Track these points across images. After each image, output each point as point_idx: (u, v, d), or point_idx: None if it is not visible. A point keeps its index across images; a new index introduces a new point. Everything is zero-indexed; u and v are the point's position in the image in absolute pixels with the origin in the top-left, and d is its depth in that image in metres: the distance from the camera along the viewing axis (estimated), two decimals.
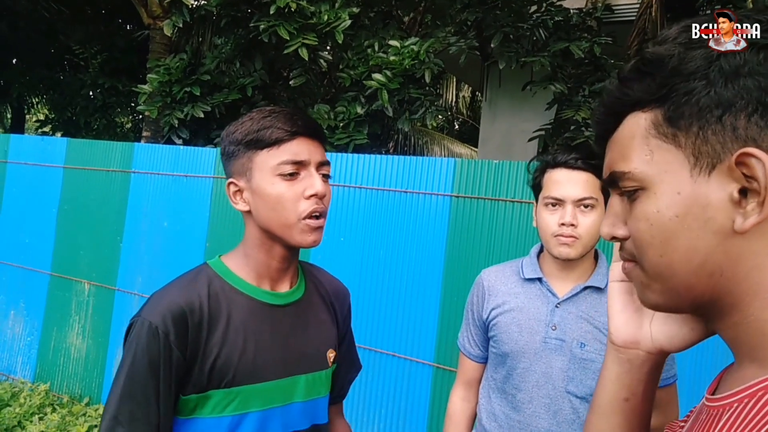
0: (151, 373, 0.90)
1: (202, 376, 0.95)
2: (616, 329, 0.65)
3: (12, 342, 4.46)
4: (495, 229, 2.77)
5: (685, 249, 0.49)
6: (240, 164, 1.02)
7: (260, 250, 1.05)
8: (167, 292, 0.98)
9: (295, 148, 0.99)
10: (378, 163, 3.13)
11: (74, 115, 9.41)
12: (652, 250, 0.52)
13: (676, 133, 0.50)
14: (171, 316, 0.93)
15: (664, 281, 0.52)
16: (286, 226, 0.99)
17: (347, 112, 4.03)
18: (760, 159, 0.45)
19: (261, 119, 1.00)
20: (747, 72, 0.47)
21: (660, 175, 0.51)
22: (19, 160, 4.56)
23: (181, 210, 3.75)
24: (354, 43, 4.28)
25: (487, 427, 1.48)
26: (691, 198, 0.49)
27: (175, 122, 4.49)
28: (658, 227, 0.51)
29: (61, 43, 9.54)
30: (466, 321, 1.59)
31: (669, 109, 0.50)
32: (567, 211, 1.34)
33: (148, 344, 0.91)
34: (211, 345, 0.96)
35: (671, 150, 0.50)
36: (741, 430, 0.45)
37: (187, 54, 4.75)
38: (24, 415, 3.73)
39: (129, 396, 0.90)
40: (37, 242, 4.37)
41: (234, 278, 1.04)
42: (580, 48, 3.59)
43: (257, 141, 0.99)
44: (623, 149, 0.54)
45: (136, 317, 0.95)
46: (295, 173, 0.99)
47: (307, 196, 0.99)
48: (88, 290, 4.10)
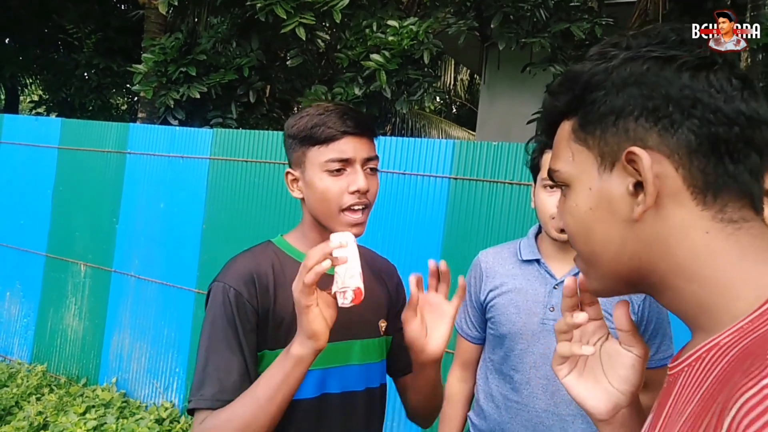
0: (231, 327, 1.02)
1: (273, 334, 1.06)
2: (595, 408, 0.68)
3: (8, 323, 4.46)
4: (493, 211, 2.76)
5: (601, 238, 0.57)
6: (296, 157, 1.12)
7: (314, 231, 1.15)
8: (237, 260, 1.12)
9: (342, 147, 1.07)
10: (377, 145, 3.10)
11: (69, 96, 9.30)
12: (577, 239, 0.60)
13: (587, 137, 0.58)
14: (242, 279, 1.05)
15: (594, 268, 0.60)
16: (330, 217, 1.09)
17: (345, 93, 3.99)
18: (640, 156, 0.53)
19: (316, 116, 1.09)
20: (632, 82, 0.54)
21: (578, 174, 0.59)
22: (13, 140, 4.52)
23: (177, 191, 3.73)
24: (352, 22, 4.22)
25: (485, 408, 1.48)
26: (600, 193, 0.57)
27: (171, 103, 4.44)
28: (578, 219, 0.59)
29: (54, 22, 9.41)
30: (464, 303, 1.58)
31: (581, 117, 0.58)
32: None
33: (224, 303, 1.03)
34: (278, 307, 1.07)
35: (584, 152, 0.58)
36: (689, 389, 0.52)
37: (183, 33, 4.68)
38: (21, 396, 3.75)
39: (214, 350, 1.01)
40: (33, 223, 4.35)
41: (294, 251, 1.15)
42: (581, 29, 3.54)
43: (310, 138, 1.08)
44: (556, 151, 0.63)
45: (212, 283, 1.08)
46: (341, 169, 1.07)
47: (351, 192, 1.07)
48: (84, 272, 4.09)
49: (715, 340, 0.51)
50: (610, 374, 0.68)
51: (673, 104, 0.53)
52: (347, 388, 1.14)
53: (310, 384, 1.08)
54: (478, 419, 1.51)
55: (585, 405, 0.69)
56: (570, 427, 1.37)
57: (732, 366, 0.47)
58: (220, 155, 3.59)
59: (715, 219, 0.53)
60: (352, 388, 1.15)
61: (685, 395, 0.52)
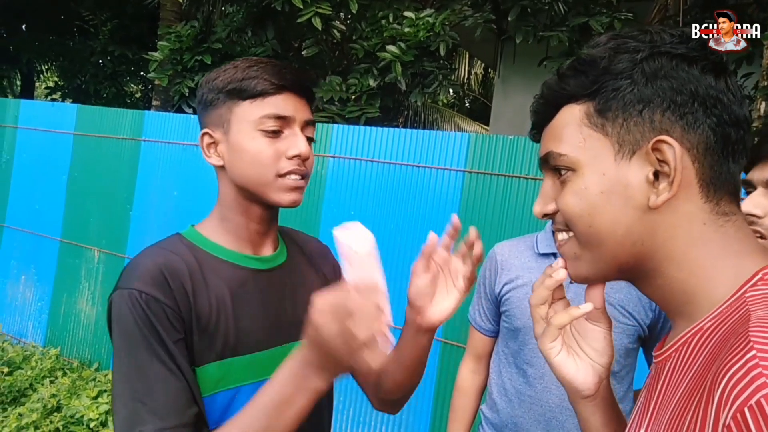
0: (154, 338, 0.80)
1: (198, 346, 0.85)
2: (584, 383, 0.70)
3: (23, 306, 4.52)
4: (508, 205, 2.75)
5: (610, 221, 0.58)
6: (217, 114, 0.93)
7: (237, 212, 0.95)
8: (140, 259, 0.87)
9: (280, 103, 0.91)
10: (391, 137, 3.10)
11: (84, 83, 9.37)
12: (581, 221, 0.60)
13: (605, 123, 0.58)
14: (150, 278, 0.82)
15: (593, 249, 0.60)
16: (263, 184, 0.91)
17: (359, 84, 3.98)
18: (672, 145, 0.55)
19: (246, 68, 0.91)
20: (663, 75, 0.56)
21: (589, 159, 0.59)
22: (29, 125, 4.56)
23: (191, 179, 3.75)
24: (368, 13, 4.20)
25: (497, 401, 1.48)
26: (615, 178, 0.58)
27: (186, 91, 4.46)
28: (585, 201, 0.59)
29: (70, 9, 9.46)
30: (478, 295, 1.58)
31: (599, 102, 0.59)
32: None
33: (136, 313, 0.80)
34: (197, 313, 0.86)
35: (600, 138, 0.59)
36: (678, 373, 0.55)
37: (198, 22, 4.69)
38: (35, 378, 3.80)
39: (137, 370, 0.79)
40: (48, 208, 4.39)
41: (212, 246, 0.94)
42: (600, 23, 3.50)
43: (240, 91, 0.90)
44: (559, 135, 0.62)
45: (113, 293, 0.84)
46: (278, 131, 0.90)
47: (290, 157, 0.90)
48: (98, 257, 4.13)
49: (699, 324, 0.55)
50: (587, 350, 0.70)
51: (699, 101, 0.55)
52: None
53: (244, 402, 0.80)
54: (490, 412, 1.51)
55: (575, 383, 0.70)
56: None
57: (717, 347, 0.50)
58: None
59: (713, 212, 0.57)
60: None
61: (675, 379, 0.55)
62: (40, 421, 3.25)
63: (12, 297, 4.57)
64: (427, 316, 0.91)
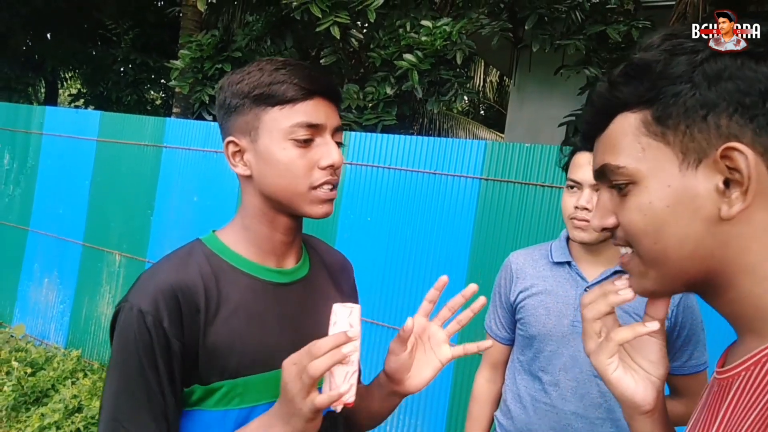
0: (150, 365, 0.78)
1: (204, 365, 0.83)
2: (645, 399, 0.65)
3: (46, 309, 4.61)
4: (524, 213, 2.76)
5: (677, 236, 0.54)
6: (244, 121, 0.87)
7: (261, 222, 0.91)
8: (156, 273, 0.85)
9: (311, 110, 0.85)
10: (407, 144, 3.13)
11: (106, 90, 9.55)
12: (646, 238, 0.56)
13: (665, 131, 0.54)
14: (162, 299, 0.80)
15: (659, 267, 0.57)
16: (296, 195, 0.86)
17: (377, 92, 4.02)
18: (743, 152, 0.50)
19: (273, 71, 0.85)
20: (728, 76, 0.51)
21: (651, 170, 0.55)
22: (53, 132, 4.66)
23: (211, 185, 3.81)
24: (386, 22, 4.24)
25: (512, 409, 1.49)
26: (681, 190, 0.54)
27: (206, 99, 4.53)
28: (651, 217, 0.55)
29: (94, 17, 9.65)
30: (494, 303, 1.59)
31: (657, 109, 0.55)
32: (584, 194, 1.34)
33: (139, 333, 0.78)
34: (211, 332, 0.83)
35: (660, 147, 0.55)
36: (750, 395, 0.50)
37: (219, 31, 4.77)
38: (57, 379, 3.87)
39: (126, 393, 0.78)
40: (71, 213, 4.48)
41: (232, 255, 0.90)
42: (618, 31, 3.50)
43: (268, 96, 0.84)
44: (615, 146, 0.58)
45: (122, 302, 0.82)
46: (309, 139, 0.85)
47: (323, 167, 0.86)
48: (119, 261, 4.21)
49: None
50: (643, 363, 0.66)
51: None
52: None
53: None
54: (505, 419, 1.52)
55: (635, 398, 0.65)
56: (599, 431, 1.37)
57: None
58: None
59: None
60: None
61: (746, 400, 0.51)
62: (61, 422, 3.31)
63: (35, 299, 4.66)
64: (404, 386, 0.90)
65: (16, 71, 10.06)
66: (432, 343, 0.91)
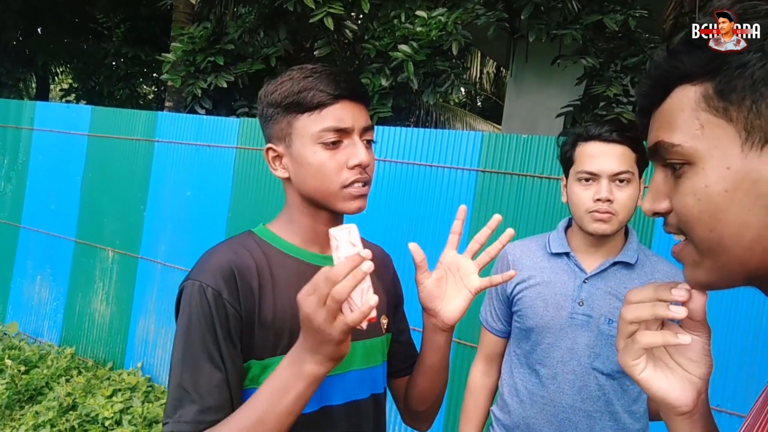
0: (210, 334, 0.85)
1: (259, 341, 0.89)
2: (680, 399, 0.61)
3: (39, 306, 4.57)
4: (521, 205, 2.73)
5: (735, 224, 0.49)
6: (279, 129, 0.95)
7: (304, 215, 0.99)
8: (214, 253, 0.93)
9: (338, 113, 0.92)
10: (404, 136, 3.09)
11: (97, 85, 9.46)
12: (701, 225, 0.51)
13: (728, 107, 0.49)
14: (221, 275, 0.88)
15: (715, 257, 0.52)
16: (329, 194, 0.93)
17: (372, 84, 3.97)
18: None
19: (302, 79, 0.92)
20: None
21: (709, 150, 0.50)
22: (44, 127, 4.61)
23: (204, 179, 3.77)
24: (380, 13, 4.19)
25: (509, 402, 1.47)
26: (742, 173, 0.48)
27: (199, 92, 4.48)
28: (706, 202, 0.50)
29: (85, 11, 9.56)
30: (489, 295, 1.57)
31: (720, 82, 0.49)
32: (602, 186, 1.30)
33: (201, 305, 0.86)
34: (264, 308, 0.90)
35: (722, 124, 0.49)
36: None
37: (211, 23, 4.71)
38: (51, 377, 3.84)
39: (191, 361, 0.84)
40: (63, 209, 4.44)
41: (282, 242, 0.98)
42: (614, 21, 3.47)
43: (298, 104, 0.91)
44: (671, 122, 0.53)
45: (184, 281, 0.90)
46: (338, 141, 0.92)
47: (351, 167, 0.92)
48: (112, 257, 4.17)
49: None
50: (682, 361, 0.61)
51: None
52: (351, 397, 0.98)
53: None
54: (501, 413, 1.50)
55: (668, 398, 0.61)
56: (597, 424, 1.35)
57: None
58: (247, 144, 3.62)
59: None
60: (357, 397, 0.99)
61: None
62: (56, 420, 3.28)
63: (28, 296, 4.63)
64: (440, 316, 0.94)
65: (7, 66, 9.96)
66: (462, 274, 0.95)
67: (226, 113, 4.61)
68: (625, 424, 1.37)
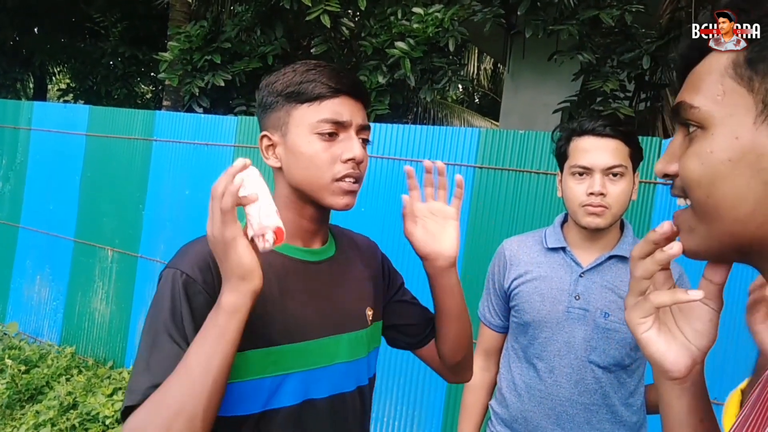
0: (176, 314, 0.83)
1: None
2: (674, 364, 0.61)
3: (39, 306, 4.58)
4: (518, 201, 2.74)
5: (733, 194, 0.49)
6: (276, 117, 0.95)
7: (290, 209, 0.98)
8: (193, 245, 0.92)
9: (337, 107, 0.93)
10: (401, 133, 3.10)
11: (95, 84, 9.45)
12: (699, 190, 0.51)
13: (752, 76, 0.48)
14: (197, 264, 0.87)
15: (709, 224, 0.52)
16: (319, 187, 0.93)
17: (369, 81, 3.98)
18: None
19: (305, 71, 0.94)
20: None
21: (723, 118, 0.50)
22: (42, 127, 4.61)
23: (203, 178, 3.77)
24: (377, 10, 4.20)
25: (507, 397, 1.48)
26: (749, 144, 0.48)
27: (196, 90, 4.48)
28: (708, 167, 0.50)
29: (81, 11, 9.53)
30: (487, 290, 1.58)
31: (753, 50, 0.48)
32: (596, 180, 1.31)
33: (173, 290, 0.84)
34: None
35: (743, 93, 0.49)
36: None
37: (208, 21, 4.71)
38: (52, 376, 3.85)
39: (154, 343, 0.82)
40: (62, 209, 4.44)
41: None
42: (611, 16, 3.47)
43: (298, 94, 0.93)
44: (697, 84, 0.53)
45: (163, 270, 0.90)
46: (334, 134, 0.93)
47: (344, 160, 0.92)
48: (112, 257, 4.18)
49: None
50: (686, 329, 0.61)
51: None
52: (336, 390, 0.98)
53: (291, 389, 0.91)
54: (500, 408, 1.51)
55: (663, 362, 0.61)
56: (594, 417, 1.36)
57: None
58: (245, 143, 3.62)
59: None
60: (342, 390, 0.99)
61: None
62: (56, 419, 3.29)
63: (28, 296, 4.63)
64: (441, 255, 1.01)
65: (3, 66, 9.95)
66: (437, 213, 1.03)
67: (224, 112, 4.61)
68: (622, 416, 1.38)
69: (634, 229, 2.32)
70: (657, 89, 3.77)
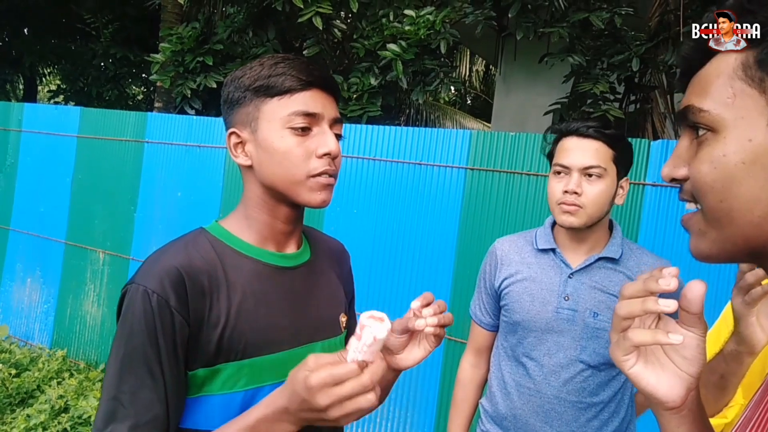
0: (152, 344, 0.79)
1: (209, 347, 0.84)
2: (668, 395, 0.59)
3: (29, 309, 4.54)
4: (510, 202, 2.76)
5: (747, 198, 0.48)
6: (245, 113, 0.90)
7: (263, 211, 0.93)
8: (161, 256, 0.86)
9: (308, 100, 0.88)
10: (393, 135, 3.11)
11: (86, 86, 9.40)
12: (712, 194, 0.50)
13: (764, 77, 0.47)
14: (168, 280, 0.81)
15: (721, 228, 0.51)
16: (294, 183, 0.89)
17: (361, 83, 3.99)
18: None
19: (273, 65, 0.89)
20: None
21: (735, 120, 0.49)
22: (33, 128, 4.58)
23: (195, 180, 3.76)
24: (368, 12, 4.21)
25: (496, 394, 1.50)
26: (763, 147, 0.47)
27: (188, 92, 4.47)
28: (721, 171, 0.49)
29: (72, 12, 9.49)
30: (479, 289, 1.59)
31: (763, 51, 0.47)
32: (572, 178, 1.34)
33: (144, 312, 0.79)
34: (215, 313, 0.85)
35: (754, 95, 0.48)
36: None
37: (200, 23, 4.70)
38: (43, 380, 3.82)
39: (129, 372, 0.78)
40: (52, 211, 4.41)
41: (236, 241, 0.92)
42: (600, 19, 3.50)
43: (267, 88, 0.88)
44: (705, 87, 0.52)
45: (128, 284, 0.83)
46: (307, 128, 0.88)
47: (320, 155, 0.88)
48: (103, 259, 4.16)
49: None
50: (675, 358, 0.60)
51: None
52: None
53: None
54: (490, 405, 1.52)
55: (656, 394, 0.60)
56: (582, 415, 1.38)
57: None
58: None
59: None
60: None
61: None
62: (48, 422, 3.27)
63: (18, 300, 4.60)
64: (397, 360, 0.91)
65: None
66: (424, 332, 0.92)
67: (216, 113, 4.60)
68: (611, 414, 1.40)
69: (623, 230, 2.34)
70: (646, 91, 3.80)
